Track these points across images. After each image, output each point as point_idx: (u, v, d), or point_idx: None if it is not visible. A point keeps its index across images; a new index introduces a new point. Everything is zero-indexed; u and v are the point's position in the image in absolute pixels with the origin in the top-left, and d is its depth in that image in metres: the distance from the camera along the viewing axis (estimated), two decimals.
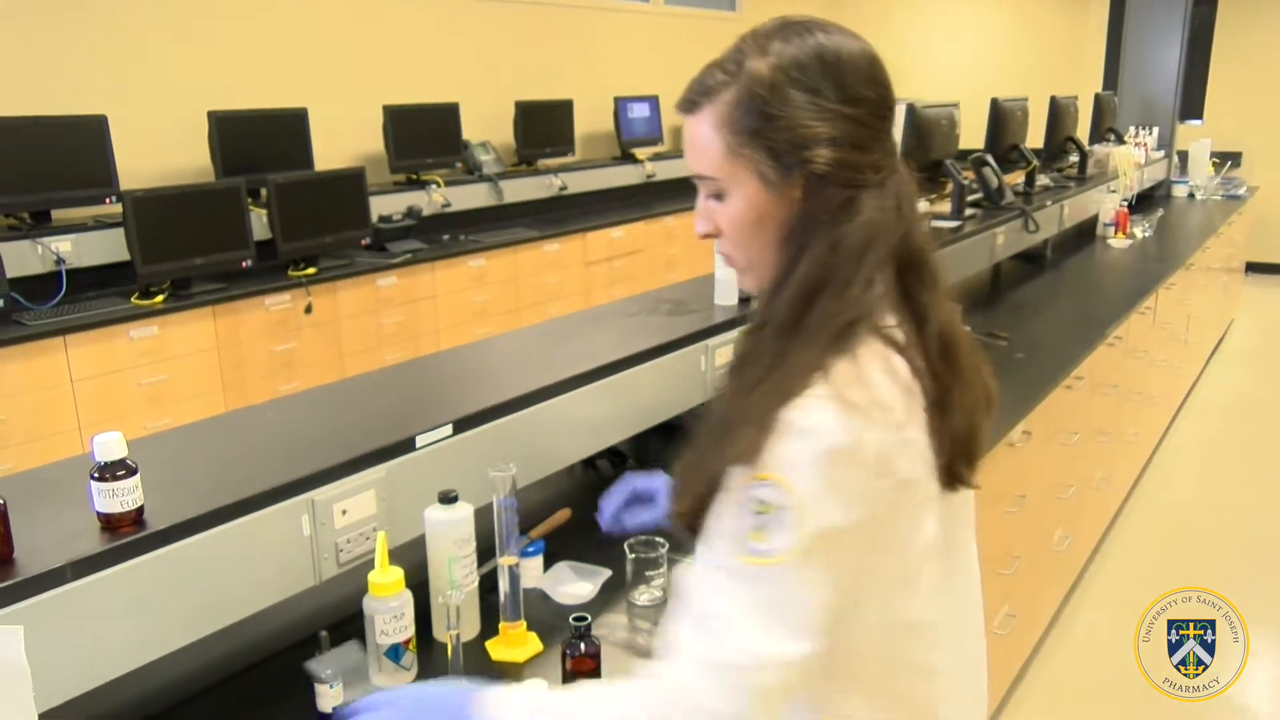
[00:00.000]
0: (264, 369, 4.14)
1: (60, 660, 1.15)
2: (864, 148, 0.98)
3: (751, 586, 0.91)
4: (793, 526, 0.89)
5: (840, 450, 0.90)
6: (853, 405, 0.92)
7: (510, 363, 2.04)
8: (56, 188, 3.86)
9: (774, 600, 0.91)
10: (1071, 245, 4.78)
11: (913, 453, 0.97)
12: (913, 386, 0.98)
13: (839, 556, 0.93)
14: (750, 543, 0.91)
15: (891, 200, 1.00)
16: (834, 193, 0.98)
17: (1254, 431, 5.25)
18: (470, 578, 1.51)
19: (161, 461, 1.42)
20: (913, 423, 0.97)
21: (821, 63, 0.98)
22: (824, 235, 0.98)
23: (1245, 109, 8.72)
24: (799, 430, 0.90)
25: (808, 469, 0.90)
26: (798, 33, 1.00)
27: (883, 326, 0.99)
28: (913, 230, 1.02)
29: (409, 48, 5.51)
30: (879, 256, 0.99)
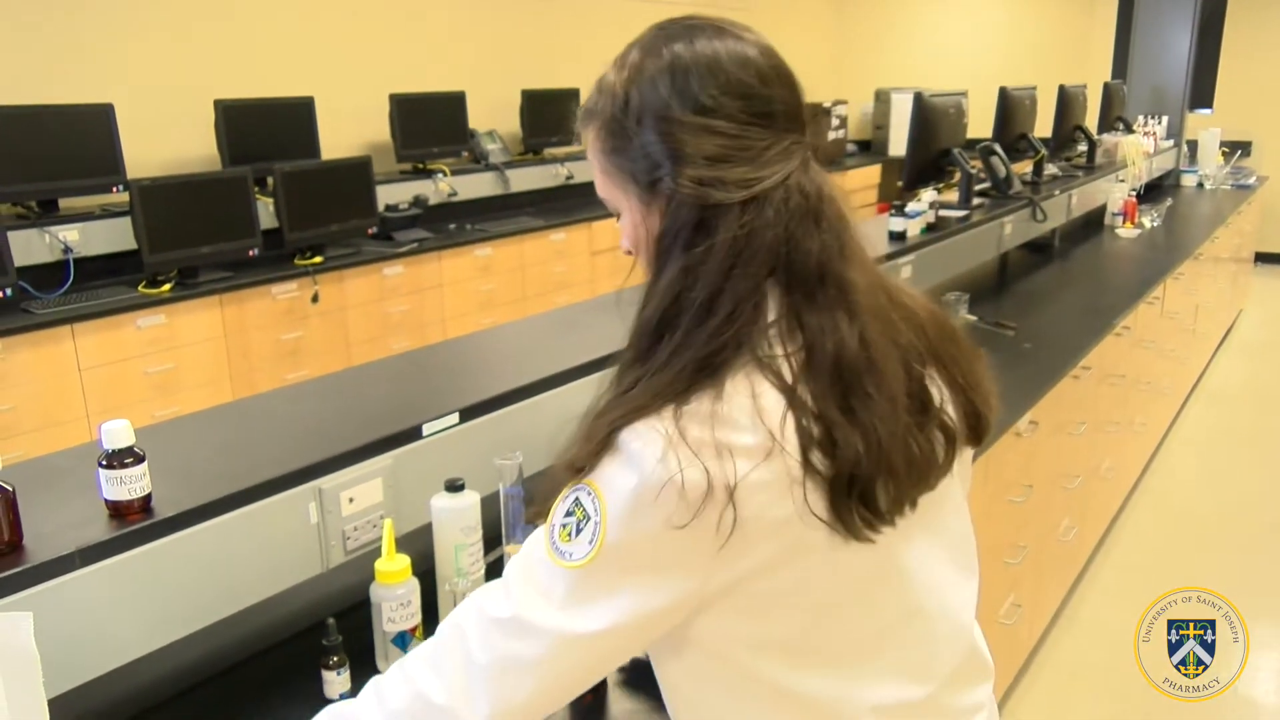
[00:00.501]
0: (271, 358, 4.15)
1: (68, 647, 1.16)
2: (725, 161, 0.91)
3: (541, 577, 0.93)
4: (592, 540, 0.90)
5: (652, 488, 0.86)
6: (686, 442, 0.86)
7: (516, 351, 2.04)
8: (63, 177, 3.86)
9: (550, 592, 0.92)
10: (1079, 235, 4.76)
11: (743, 506, 0.87)
12: (782, 427, 0.88)
13: (625, 578, 0.90)
14: (558, 541, 0.92)
15: (767, 215, 0.91)
16: (687, 212, 0.92)
17: (1262, 422, 5.24)
18: (477, 565, 1.51)
19: (169, 449, 1.42)
20: (770, 468, 0.88)
21: (672, 74, 0.92)
22: (677, 258, 0.92)
23: (1256, 98, 8.67)
24: (627, 453, 0.89)
25: (621, 494, 0.88)
26: (659, 40, 0.95)
27: (766, 356, 0.90)
28: (799, 245, 0.92)
29: (416, 36, 5.50)
30: (747, 279, 0.90)
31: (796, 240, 0.92)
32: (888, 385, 0.92)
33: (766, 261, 0.91)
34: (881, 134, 8.97)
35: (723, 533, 0.88)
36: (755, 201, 0.91)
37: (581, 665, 0.95)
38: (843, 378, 0.90)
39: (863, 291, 0.94)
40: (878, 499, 0.91)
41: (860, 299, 0.93)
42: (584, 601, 0.91)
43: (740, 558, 0.90)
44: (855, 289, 0.94)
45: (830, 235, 0.94)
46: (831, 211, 0.95)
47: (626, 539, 0.89)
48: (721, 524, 0.87)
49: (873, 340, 0.93)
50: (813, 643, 0.97)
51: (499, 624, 0.94)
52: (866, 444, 0.89)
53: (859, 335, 0.92)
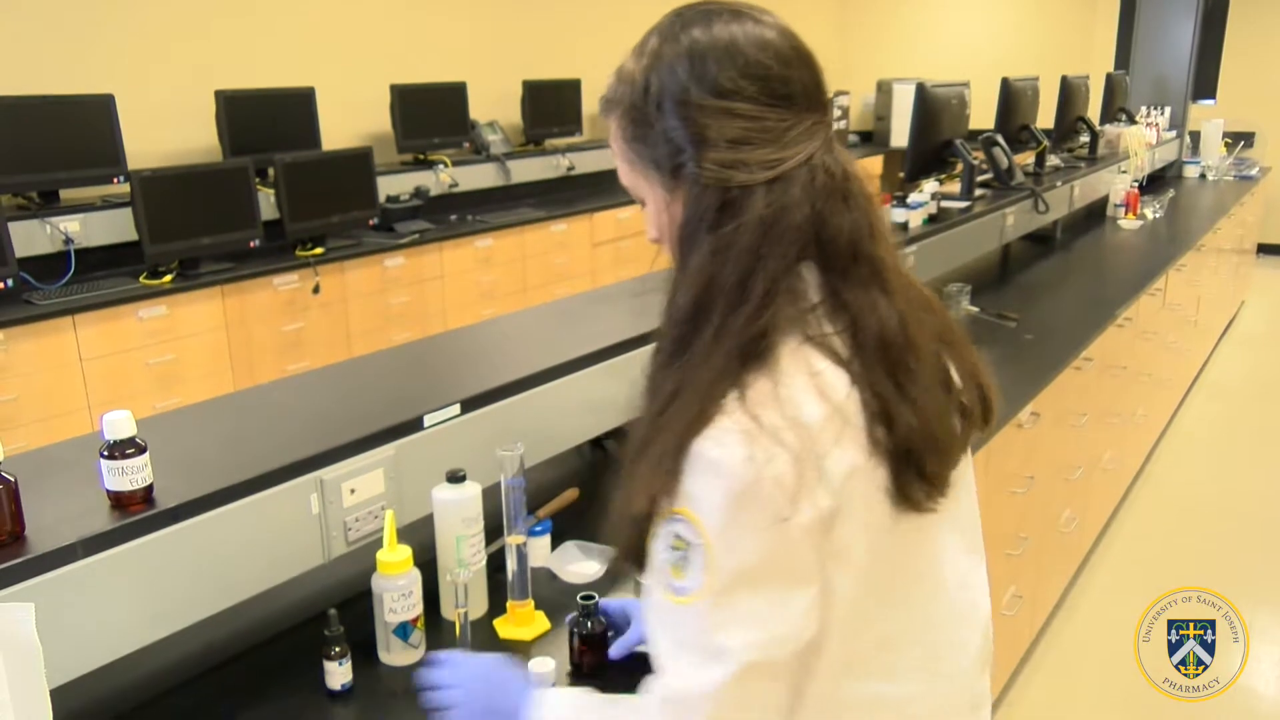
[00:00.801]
0: (272, 349, 4.15)
1: (70, 637, 1.16)
2: (747, 143, 0.90)
3: (674, 626, 0.90)
4: (704, 566, 0.86)
5: (746, 487, 0.84)
6: (764, 432, 0.84)
7: (517, 343, 2.04)
8: (64, 167, 3.86)
9: (691, 640, 0.88)
10: (1081, 226, 4.75)
11: (839, 477, 0.87)
12: (848, 403, 0.89)
13: (755, 593, 0.87)
14: (672, 579, 0.89)
15: (794, 194, 0.90)
16: (712, 194, 0.91)
17: (1263, 413, 5.23)
18: (478, 556, 1.51)
19: (170, 440, 1.42)
20: (843, 444, 0.88)
21: (690, 59, 0.92)
22: (703, 241, 0.91)
23: (1259, 89, 8.64)
24: (707, 463, 0.85)
25: (716, 506, 0.85)
26: (675, 26, 0.95)
27: (817, 335, 0.91)
28: (830, 223, 0.92)
29: (417, 27, 5.49)
30: (779, 259, 0.89)
31: (826, 218, 0.92)
32: (925, 362, 0.94)
33: (797, 241, 0.91)
34: (883, 125, 8.95)
35: (823, 514, 0.87)
36: (780, 181, 0.91)
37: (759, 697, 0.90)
38: (888, 355, 0.91)
39: (892, 270, 0.95)
40: (930, 472, 0.93)
41: (892, 277, 0.94)
42: (720, 630, 0.87)
43: (838, 539, 0.89)
44: (887, 267, 0.94)
45: (859, 213, 0.94)
46: (857, 190, 0.95)
47: (740, 550, 0.86)
48: (819, 504, 0.86)
49: (909, 318, 0.94)
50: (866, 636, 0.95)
51: (663, 704, 0.91)
52: (917, 418, 0.91)
53: (897, 313, 0.93)
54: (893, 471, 0.90)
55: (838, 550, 0.89)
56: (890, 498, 0.91)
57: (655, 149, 0.95)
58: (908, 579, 0.97)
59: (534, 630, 1.49)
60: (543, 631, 1.50)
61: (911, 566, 0.97)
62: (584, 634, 1.38)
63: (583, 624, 1.38)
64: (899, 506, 0.92)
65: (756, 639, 0.87)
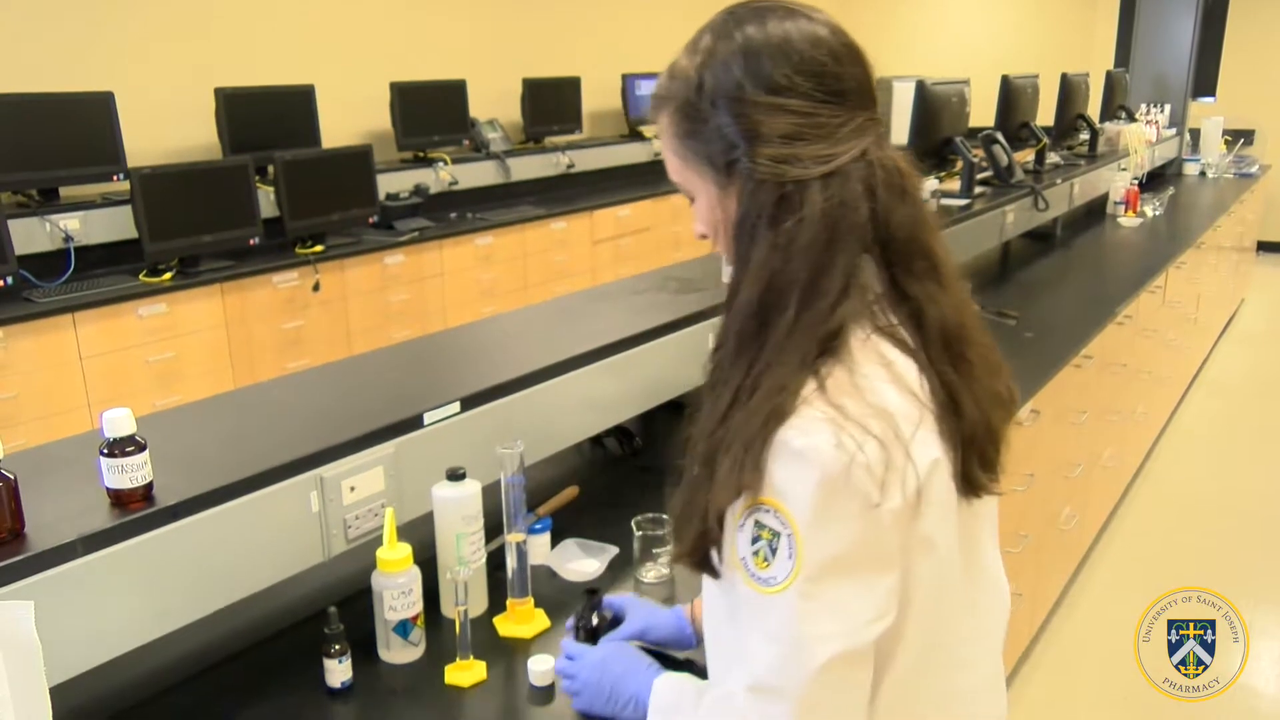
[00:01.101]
0: (272, 346, 4.15)
1: (70, 635, 1.16)
2: (801, 139, 0.92)
3: (761, 616, 0.90)
4: (792, 555, 0.87)
5: (837, 475, 0.85)
6: (850, 420, 0.86)
7: (518, 340, 2.04)
8: (64, 165, 3.86)
9: (778, 631, 0.89)
10: (1081, 224, 4.75)
11: (920, 464, 0.90)
12: (920, 390, 0.92)
13: (844, 580, 0.88)
14: (757, 570, 0.89)
15: (854, 189, 0.92)
16: (768, 190, 0.92)
17: (1263, 411, 5.23)
18: (478, 554, 1.51)
19: (170, 438, 1.42)
20: (921, 431, 0.91)
21: (745, 56, 0.93)
22: (764, 236, 0.92)
23: (1259, 86, 8.64)
24: (794, 452, 0.86)
25: (805, 495, 0.86)
26: (728, 24, 0.96)
27: (885, 326, 0.93)
28: (890, 218, 0.94)
29: (416, 25, 5.49)
30: (846, 252, 0.91)
31: (887, 213, 0.94)
32: (980, 352, 0.98)
33: (862, 235, 0.93)
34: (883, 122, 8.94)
35: (909, 499, 0.89)
36: (836, 176, 0.92)
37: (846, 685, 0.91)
38: (950, 345, 0.95)
39: (945, 263, 0.98)
40: (990, 458, 0.97)
41: (945, 271, 0.97)
42: (809, 621, 0.88)
43: (923, 526, 0.91)
44: (941, 261, 0.97)
45: (915, 208, 0.97)
46: (911, 186, 0.97)
47: (829, 538, 0.87)
48: (907, 489, 0.88)
49: (964, 310, 0.97)
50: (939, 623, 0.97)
51: (751, 693, 0.92)
52: (978, 407, 0.94)
53: (954, 304, 0.96)
54: (961, 459, 0.94)
55: (923, 537, 0.92)
56: (958, 484, 0.95)
57: (709, 145, 0.96)
58: (967, 564, 1.01)
59: (534, 628, 1.49)
60: (542, 629, 1.50)
61: (968, 552, 1.01)
62: (589, 628, 1.38)
63: (587, 617, 1.38)
64: (964, 493, 0.96)
65: (843, 628, 0.89)
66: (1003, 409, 1.01)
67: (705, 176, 0.98)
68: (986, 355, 1.00)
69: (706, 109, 0.95)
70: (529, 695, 1.35)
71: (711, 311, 2.17)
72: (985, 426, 0.96)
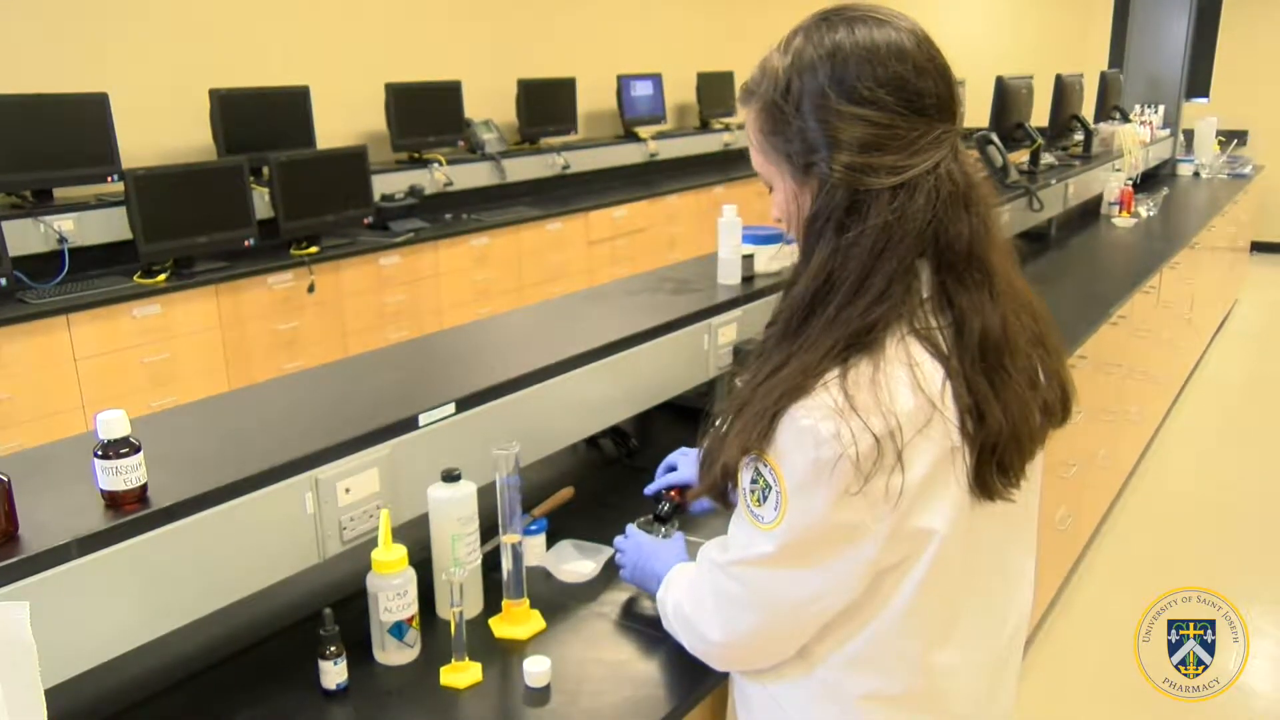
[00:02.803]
0: (267, 348, 4.14)
1: (65, 637, 1.16)
2: (877, 149, 0.96)
3: (748, 531, 1.05)
4: (778, 507, 0.99)
5: (826, 460, 0.94)
6: (855, 412, 0.93)
7: (513, 341, 2.04)
8: (58, 166, 3.85)
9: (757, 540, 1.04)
10: (1076, 224, 4.76)
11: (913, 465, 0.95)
12: (941, 395, 0.97)
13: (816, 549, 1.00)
14: (751, 505, 1.03)
15: (920, 200, 0.96)
16: (839, 196, 0.97)
17: (1257, 410, 5.25)
18: (473, 555, 1.51)
19: (165, 439, 1.42)
20: (929, 433, 0.95)
21: (831, 63, 0.97)
22: (829, 239, 0.98)
23: (1252, 87, 8.66)
24: (799, 429, 0.95)
25: (798, 468, 0.96)
26: (821, 28, 0.99)
27: (923, 328, 0.98)
28: (949, 229, 0.98)
29: (411, 25, 5.48)
30: (898, 260, 0.96)
31: (945, 225, 0.98)
32: (1020, 363, 1.02)
33: (915, 245, 0.97)
34: None
35: (892, 496, 0.95)
36: (905, 187, 0.96)
37: (789, 610, 1.06)
38: (987, 355, 0.99)
39: (1001, 276, 1.02)
40: (1010, 466, 1.02)
41: (1000, 283, 1.02)
42: (780, 563, 1.02)
43: (907, 519, 0.98)
44: (997, 273, 1.02)
45: (978, 220, 1.01)
46: (978, 198, 1.02)
47: (808, 508, 0.97)
48: (890, 487, 0.95)
49: (1010, 322, 1.01)
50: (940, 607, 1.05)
51: (720, 568, 1.11)
52: (1005, 416, 0.99)
53: (1000, 316, 1.00)
54: (976, 462, 0.99)
55: (921, 528, 0.99)
56: (970, 485, 1.00)
57: (790, 145, 1.01)
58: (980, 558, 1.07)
59: (530, 629, 1.49)
60: (538, 630, 1.50)
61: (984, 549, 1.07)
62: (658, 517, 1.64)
63: (660, 509, 1.64)
64: (978, 495, 1.01)
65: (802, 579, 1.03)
66: (1046, 417, 1.08)
67: (784, 172, 1.04)
68: (1033, 366, 1.05)
69: (790, 111, 0.99)
70: (524, 696, 1.35)
71: (706, 313, 2.18)
72: (1011, 436, 1.00)
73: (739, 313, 2.26)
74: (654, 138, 6.65)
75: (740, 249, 2.35)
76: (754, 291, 2.33)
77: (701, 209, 6.41)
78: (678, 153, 6.84)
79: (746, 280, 2.37)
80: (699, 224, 6.37)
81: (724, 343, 2.21)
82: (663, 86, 6.68)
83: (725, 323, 2.21)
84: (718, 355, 2.20)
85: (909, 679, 1.07)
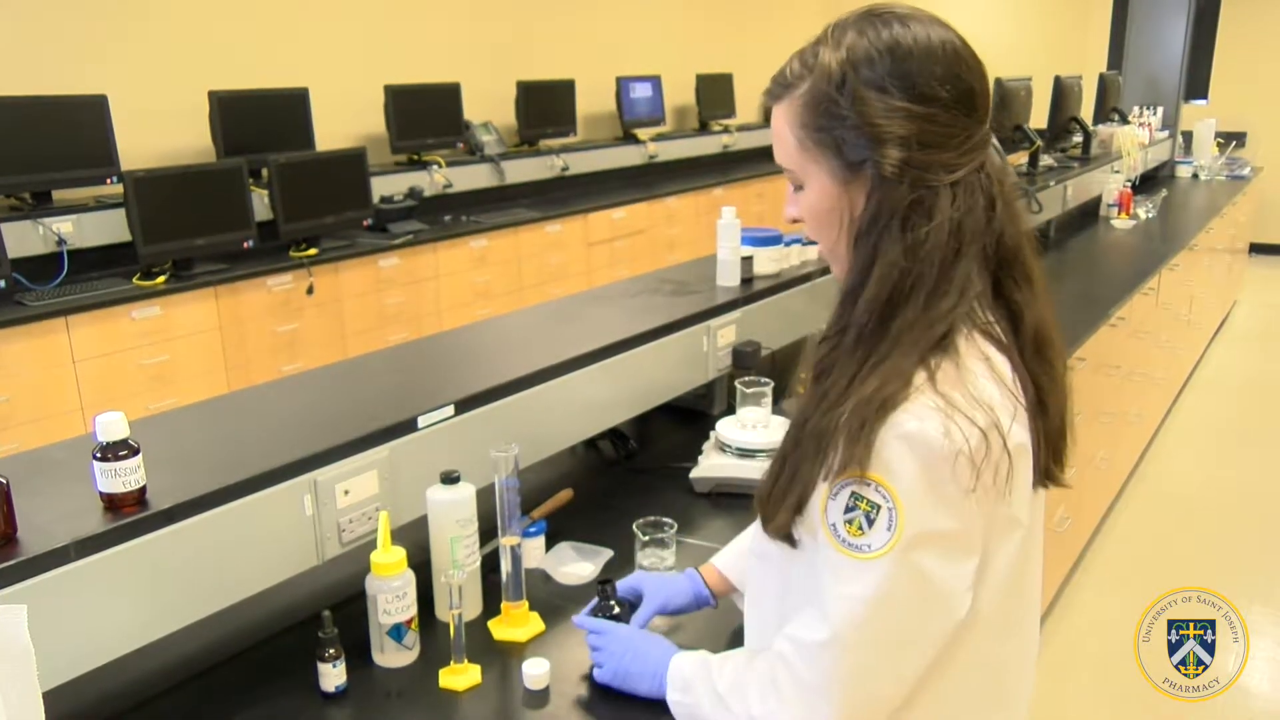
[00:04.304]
0: (266, 349, 4.14)
1: (63, 639, 1.15)
2: (935, 146, 0.95)
3: (848, 579, 0.95)
4: (891, 526, 0.92)
5: (942, 460, 0.91)
6: (957, 411, 0.91)
7: (512, 343, 2.04)
8: (57, 168, 3.85)
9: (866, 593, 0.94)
10: (1075, 225, 4.76)
11: (1015, 455, 0.95)
12: (1015, 387, 0.98)
13: (940, 559, 0.94)
14: (849, 537, 0.94)
15: (976, 199, 0.97)
16: (901, 193, 0.95)
17: (1256, 412, 5.25)
18: (472, 557, 1.51)
19: (164, 441, 1.42)
20: (1017, 424, 0.96)
21: (892, 58, 0.95)
22: (895, 238, 0.95)
23: (1250, 89, 8.67)
24: (905, 435, 0.91)
25: (910, 474, 0.91)
26: (874, 24, 0.97)
27: (983, 324, 0.99)
28: (1006, 229, 0.99)
29: (410, 27, 5.48)
30: (969, 260, 0.96)
31: (1003, 224, 0.99)
32: (1061, 357, 1.05)
33: (980, 243, 0.98)
34: None
35: (1000, 488, 0.94)
36: (961, 185, 0.96)
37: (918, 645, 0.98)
38: (1040, 349, 1.02)
39: (1037, 270, 1.04)
40: (1063, 454, 1.06)
41: (1038, 277, 1.03)
42: (899, 588, 0.93)
43: (1012, 508, 0.98)
44: (1034, 268, 1.03)
45: (1020, 220, 1.02)
46: (1013, 198, 1.03)
47: (932, 515, 0.92)
48: (998, 479, 0.94)
49: (1049, 316, 1.04)
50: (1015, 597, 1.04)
51: (822, 646, 0.97)
52: (1057, 405, 1.02)
53: (1042, 310, 1.03)
54: (1042, 451, 1.02)
55: (1011, 518, 0.98)
56: (1037, 474, 1.02)
57: (839, 140, 0.98)
58: (1035, 548, 1.08)
59: (528, 631, 1.49)
60: (537, 633, 1.50)
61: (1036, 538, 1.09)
62: (610, 617, 1.39)
63: (608, 607, 1.40)
64: (1039, 482, 1.04)
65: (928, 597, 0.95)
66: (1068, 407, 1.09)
67: (825, 168, 1.00)
68: (1063, 359, 1.07)
69: (845, 105, 0.96)
70: (523, 699, 1.35)
71: (706, 315, 2.18)
72: (1060, 424, 1.04)
73: (738, 314, 2.26)
74: (653, 139, 6.65)
75: (739, 250, 2.35)
76: (753, 293, 2.33)
77: (700, 211, 6.41)
78: (677, 154, 6.84)
79: (745, 282, 2.37)
80: (698, 226, 6.37)
81: (723, 344, 2.21)
82: (662, 88, 6.68)
83: (724, 324, 2.21)
84: (717, 357, 2.20)
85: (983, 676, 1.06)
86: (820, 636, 0.97)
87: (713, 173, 6.89)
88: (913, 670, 0.99)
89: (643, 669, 1.26)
